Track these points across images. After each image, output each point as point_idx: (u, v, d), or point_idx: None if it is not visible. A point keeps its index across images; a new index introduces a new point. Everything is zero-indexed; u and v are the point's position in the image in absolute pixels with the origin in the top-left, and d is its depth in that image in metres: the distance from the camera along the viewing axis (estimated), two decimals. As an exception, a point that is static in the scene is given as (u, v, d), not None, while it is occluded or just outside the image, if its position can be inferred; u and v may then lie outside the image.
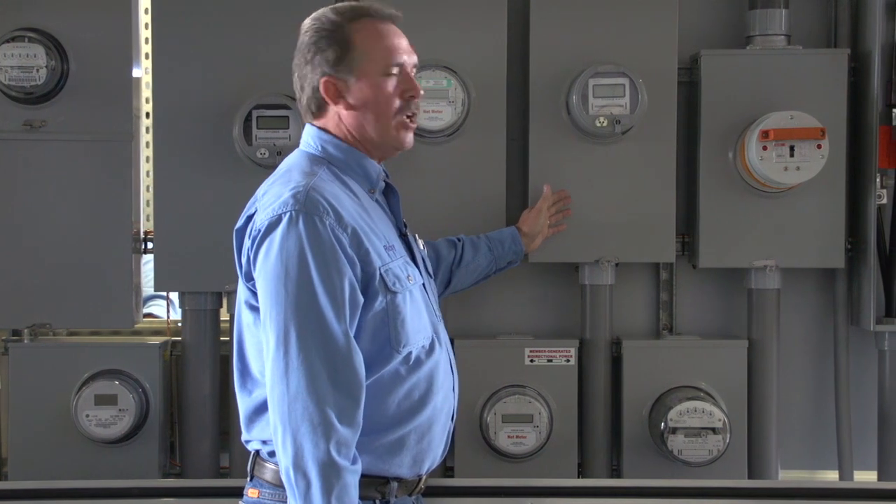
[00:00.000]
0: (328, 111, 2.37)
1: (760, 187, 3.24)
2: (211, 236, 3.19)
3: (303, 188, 2.22)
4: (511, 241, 3.08)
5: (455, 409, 2.48)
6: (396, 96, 2.35)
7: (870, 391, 3.41)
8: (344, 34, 2.31)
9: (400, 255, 2.35)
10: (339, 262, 2.19)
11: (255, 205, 2.30)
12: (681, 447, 3.18)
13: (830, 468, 3.49)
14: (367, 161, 2.39)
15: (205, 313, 3.35)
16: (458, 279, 2.99)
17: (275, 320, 2.17)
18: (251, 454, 2.38)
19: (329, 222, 2.19)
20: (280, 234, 2.19)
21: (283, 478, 2.17)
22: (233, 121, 3.18)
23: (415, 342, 2.31)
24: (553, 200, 3.22)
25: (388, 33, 2.35)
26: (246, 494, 2.37)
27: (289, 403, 2.14)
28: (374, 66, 2.32)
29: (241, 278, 2.32)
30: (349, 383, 2.17)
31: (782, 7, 3.29)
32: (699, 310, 3.51)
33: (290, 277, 2.16)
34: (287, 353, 2.15)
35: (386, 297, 2.26)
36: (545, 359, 3.31)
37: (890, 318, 3.26)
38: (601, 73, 3.16)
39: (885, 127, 3.23)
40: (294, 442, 2.13)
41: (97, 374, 3.29)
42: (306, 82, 2.36)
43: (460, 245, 3.00)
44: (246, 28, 3.23)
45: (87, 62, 3.26)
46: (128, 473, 3.25)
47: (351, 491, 2.15)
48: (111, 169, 3.29)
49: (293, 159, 2.39)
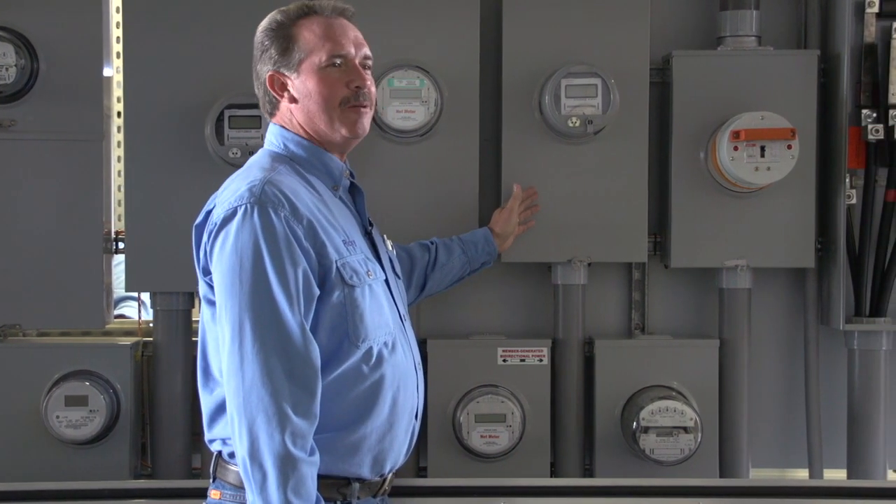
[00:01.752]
0: (280, 107, 2.43)
1: (731, 187, 3.26)
2: (182, 236, 3.13)
3: (259, 182, 2.26)
4: (484, 242, 3.10)
5: (420, 409, 2.48)
6: (342, 86, 2.38)
7: (839, 390, 3.43)
8: (288, 31, 2.39)
9: (360, 252, 2.37)
10: (293, 254, 2.20)
11: (214, 200, 2.33)
12: (653, 446, 3.19)
13: (801, 466, 3.51)
14: (329, 157, 2.43)
15: (176, 314, 3.33)
16: (433, 282, 3.00)
17: (230, 312, 2.18)
18: (213, 455, 2.39)
19: (284, 214, 2.22)
20: (235, 227, 2.21)
21: (241, 469, 2.18)
22: (205, 120, 3.17)
23: (374, 337, 2.32)
24: (525, 197, 3.23)
25: (332, 27, 2.39)
26: (209, 495, 2.37)
27: (244, 395, 2.15)
28: (315, 59, 2.37)
29: (199, 273, 2.34)
30: (304, 375, 2.18)
31: (753, 8, 3.32)
32: (671, 309, 3.53)
33: (244, 269, 2.18)
34: (242, 345, 2.16)
35: (343, 290, 2.27)
36: (518, 358, 3.31)
37: (859, 317, 3.28)
38: (573, 74, 3.17)
39: (854, 128, 3.25)
40: (250, 433, 2.14)
41: (68, 374, 3.27)
42: (259, 80, 2.44)
43: (433, 248, 3.02)
44: (218, 27, 3.22)
45: (57, 61, 3.23)
46: (99, 475, 3.23)
47: (307, 482, 2.15)
48: (82, 169, 3.27)
49: (256, 157, 2.44)
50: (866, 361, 3.33)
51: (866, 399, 3.33)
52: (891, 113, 3.18)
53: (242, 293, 2.18)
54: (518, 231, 3.22)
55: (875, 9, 3.22)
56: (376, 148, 3.22)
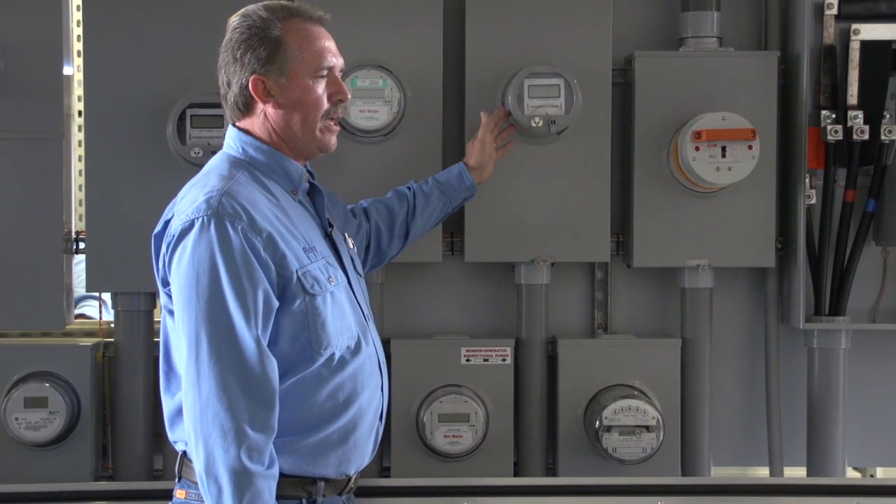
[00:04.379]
0: (255, 109, 2.37)
1: (693, 187, 3.28)
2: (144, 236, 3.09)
3: (216, 192, 2.23)
4: (459, 178, 3.03)
5: (384, 409, 2.48)
6: (325, 99, 2.37)
7: (799, 388, 3.46)
8: (275, 33, 2.32)
9: (321, 257, 2.35)
10: (250, 268, 2.19)
11: (172, 210, 2.31)
12: (615, 445, 3.20)
13: (761, 464, 3.54)
14: (289, 162, 2.40)
15: (138, 314, 3.31)
16: (415, 229, 2.96)
17: (187, 326, 2.17)
18: (178, 455, 2.38)
19: (241, 227, 2.19)
20: (192, 240, 2.19)
21: (199, 484, 2.17)
22: (166, 119, 3.15)
23: (337, 344, 2.31)
24: (494, 123, 3.16)
25: (318, 35, 2.37)
26: (174, 495, 2.36)
27: (200, 410, 2.14)
28: (305, 68, 2.34)
29: (159, 283, 2.32)
30: (260, 389, 2.17)
31: (714, 10, 3.34)
32: (634, 309, 3.54)
33: (200, 284, 2.17)
34: (198, 360, 2.15)
35: (304, 299, 2.26)
36: (481, 358, 3.31)
37: (818, 316, 3.31)
38: (536, 74, 3.18)
39: (813, 128, 3.27)
40: (205, 448, 2.14)
41: (27, 376, 3.23)
42: (234, 80, 2.35)
43: (411, 195, 2.98)
44: (179, 26, 3.20)
45: (16, 60, 3.19)
46: (59, 477, 3.20)
47: (264, 495, 2.15)
48: (42, 168, 3.23)
49: (214, 162, 2.40)
50: (826, 360, 3.35)
51: (826, 397, 3.35)
52: (850, 114, 3.20)
53: (199, 307, 2.16)
54: (498, 154, 3.15)
55: (834, 11, 3.24)
56: (339, 148, 3.15)
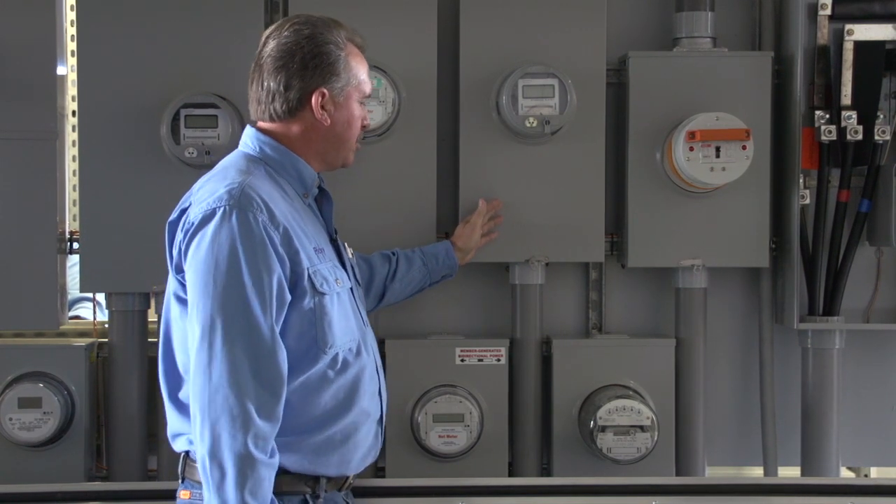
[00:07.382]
0: (300, 117, 2.40)
1: (687, 187, 3.29)
2: (138, 236, 3.16)
3: (238, 185, 2.26)
4: (445, 255, 3.12)
5: (384, 414, 2.51)
6: (360, 123, 2.47)
7: (794, 388, 3.46)
8: (342, 53, 2.39)
9: (329, 259, 2.40)
10: (268, 259, 2.22)
11: (189, 199, 2.33)
12: (610, 445, 3.20)
13: (756, 464, 3.54)
14: (303, 165, 2.44)
15: (132, 314, 3.31)
16: (391, 293, 3.02)
17: (202, 311, 2.19)
18: (181, 455, 2.39)
19: (262, 219, 2.23)
20: (213, 228, 2.21)
21: (199, 467, 2.19)
22: (160, 119, 3.14)
23: (341, 344, 2.34)
24: (487, 213, 3.23)
25: (365, 63, 2.47)
26: (178, 496, 2.37)
27: (210, 394, 2.16)
28: (356, 93, 2.44)
29: (172, 270, 2.34)
30: (271, 378, 2.20)
31: (708, 10, 3.34)
32: (628, 309, 3.54)
33: (219, 270, 2.19)
34: (212, 345, 2.17)
35: (314, 297, 2.30)
36: (476, 358, 3.31)
37: (812, 316, 3.31)
38: (531, 74, 3.18)
39: (807, 129, 3.28)
40: (212, 432, 2.15)
41: (21, 376, 3.23)
42: (295, 84, 2.36)
43: (394, 259, 3.04)
44: (174, 26, 3.20)
45: (10, 59, 3.19)
46: (53, 478, 3.19)
47: (265, 484, 2.17)
48: (36, 168, 3.23)
49: (231, 158, 2.43)
50: (820, 360, 3.36)
51: (820, 397, 3.36)
52: (843, 114, 3.21)
53: (216, 293, 2.18)
54: (481, 243, 3.22)
55: (828, 11, 3.25)
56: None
